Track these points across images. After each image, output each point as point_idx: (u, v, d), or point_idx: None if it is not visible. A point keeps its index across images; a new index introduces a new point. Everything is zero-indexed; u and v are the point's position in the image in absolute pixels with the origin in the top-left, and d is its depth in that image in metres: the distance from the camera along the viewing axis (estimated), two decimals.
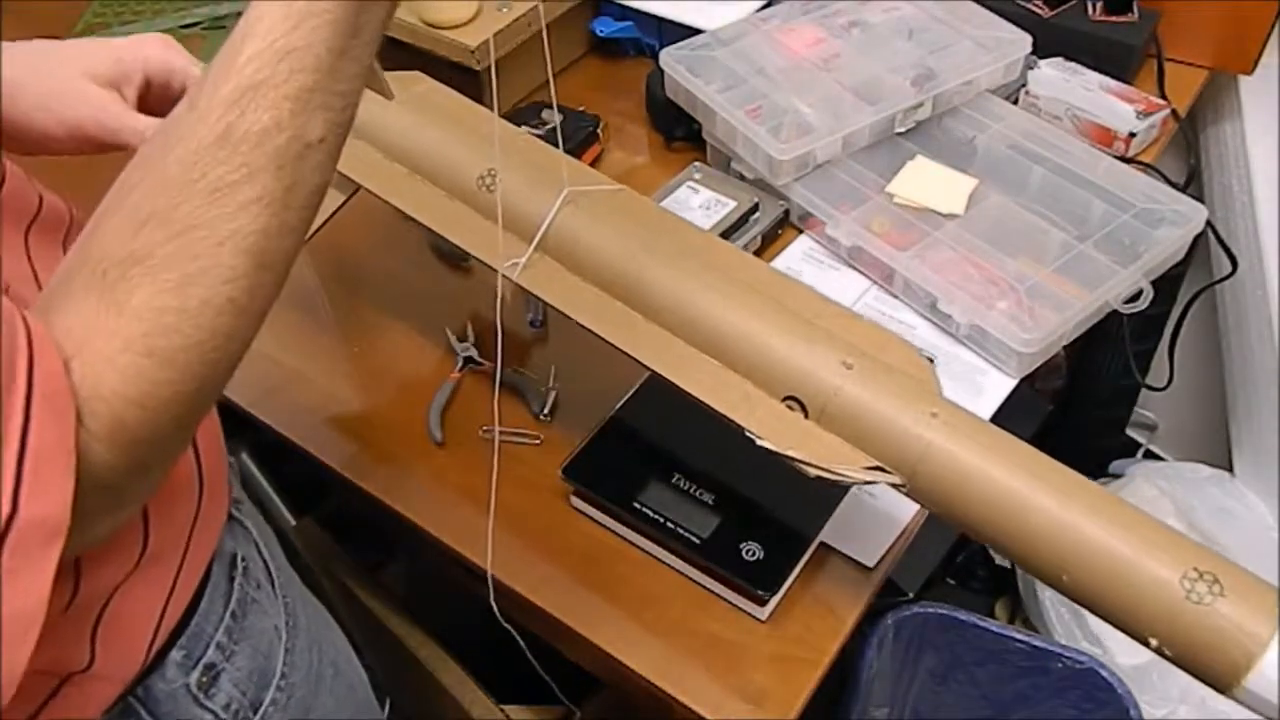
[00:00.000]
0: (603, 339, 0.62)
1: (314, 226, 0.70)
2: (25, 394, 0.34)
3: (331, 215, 0.77)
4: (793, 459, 0.56)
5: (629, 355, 0.61)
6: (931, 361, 0.78)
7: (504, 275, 0.65)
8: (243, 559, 0.61)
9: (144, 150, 0.40)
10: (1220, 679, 0.47)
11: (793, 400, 0.57)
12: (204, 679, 0.55)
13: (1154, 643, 0.49)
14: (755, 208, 0.92)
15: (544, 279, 0.65)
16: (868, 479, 0.55)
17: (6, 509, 0.33)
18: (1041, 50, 0.99)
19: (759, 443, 0.56)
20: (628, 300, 0.62)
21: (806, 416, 0.57)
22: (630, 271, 0.62)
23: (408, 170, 0.71)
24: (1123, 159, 0.96)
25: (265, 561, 0.64)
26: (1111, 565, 0.49)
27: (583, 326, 0.63)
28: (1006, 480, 0.52)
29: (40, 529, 0.34)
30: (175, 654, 0.54)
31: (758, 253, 0.92)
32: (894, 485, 0.55)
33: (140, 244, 0.37)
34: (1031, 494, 0.51)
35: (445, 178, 0.69)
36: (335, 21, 0.39)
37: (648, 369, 0.61)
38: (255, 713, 0.58)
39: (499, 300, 0.64)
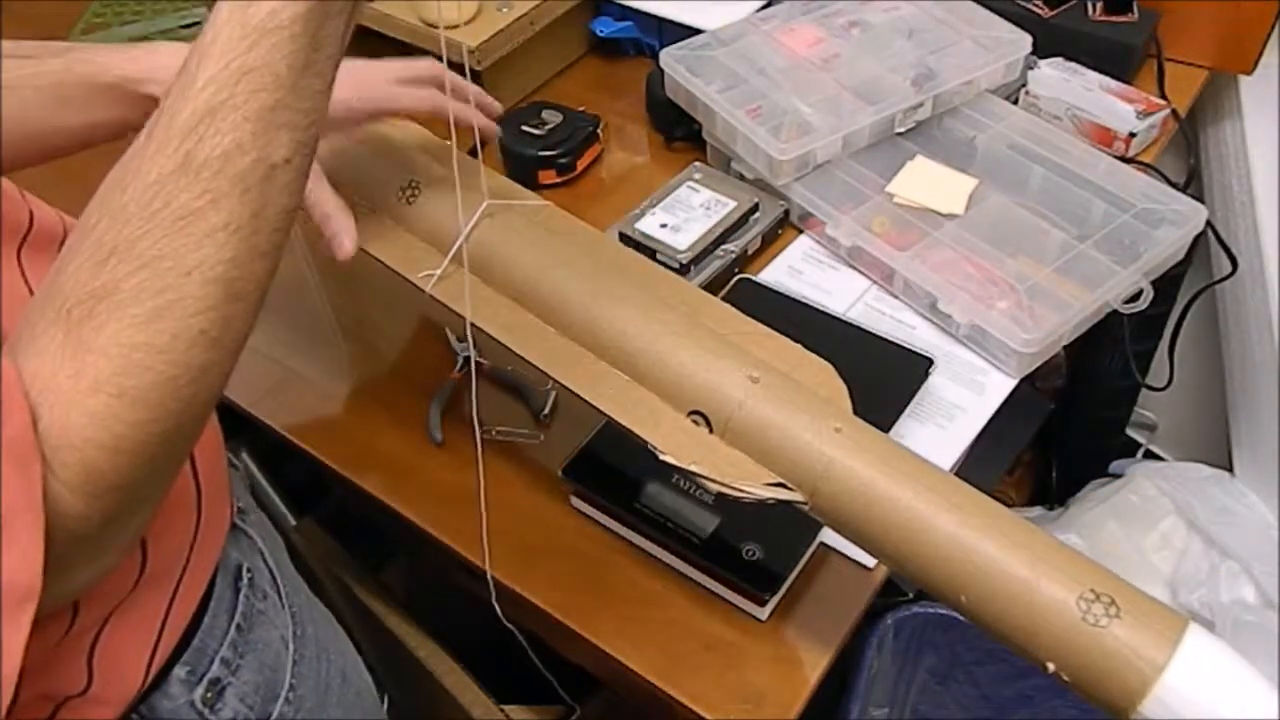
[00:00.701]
0: (513, 352, 0.61)
1: None
2: None
3: None
4: (695, 474, 0.55)
5: (538, 369, 0.60)
6: (931, 362, 0.79)
7: (418, 287, 0.64)
8: (248, 570, 0.60)
9: (103, 188, 0.38)
10: (1115, 704, 0.46)
11: (698, 415, 0.56)
12: (209, 695, 0.54)
13: (1051, 667, 0.48)
14: (755, 208, 0.92)
15: (459, 292, 0.63)
16: (769, 495, 0.54)
17: None
18: (1041, 50, 0.99)
19: (662, 457, 0.55)
20: (541, 314, 0.62)
21: (711, 431, 0.56)
22: (544, 286, 0.61)
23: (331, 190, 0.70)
24: (1123, 159, 0.96)
25: (271, 571, 0.63)
26: (1008, 585, 0.48)
27: (494, 339, 0.62)
28: (905, 497, 0.51)
29: (10, 594, 0.33)
30: (179, 670, 0.53)
31: (758, 253, 0.92)
32: (796, 503, 0.54)
33: (105, 279, 0.36)
34: (930, 511, 0.50)
35: (365, 190, 0.67)
36: (294, 37, 0.37)
37: (556, 383, 0.60)
38: None
39: (468, 307, 0.63)
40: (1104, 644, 0.46)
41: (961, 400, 0.79)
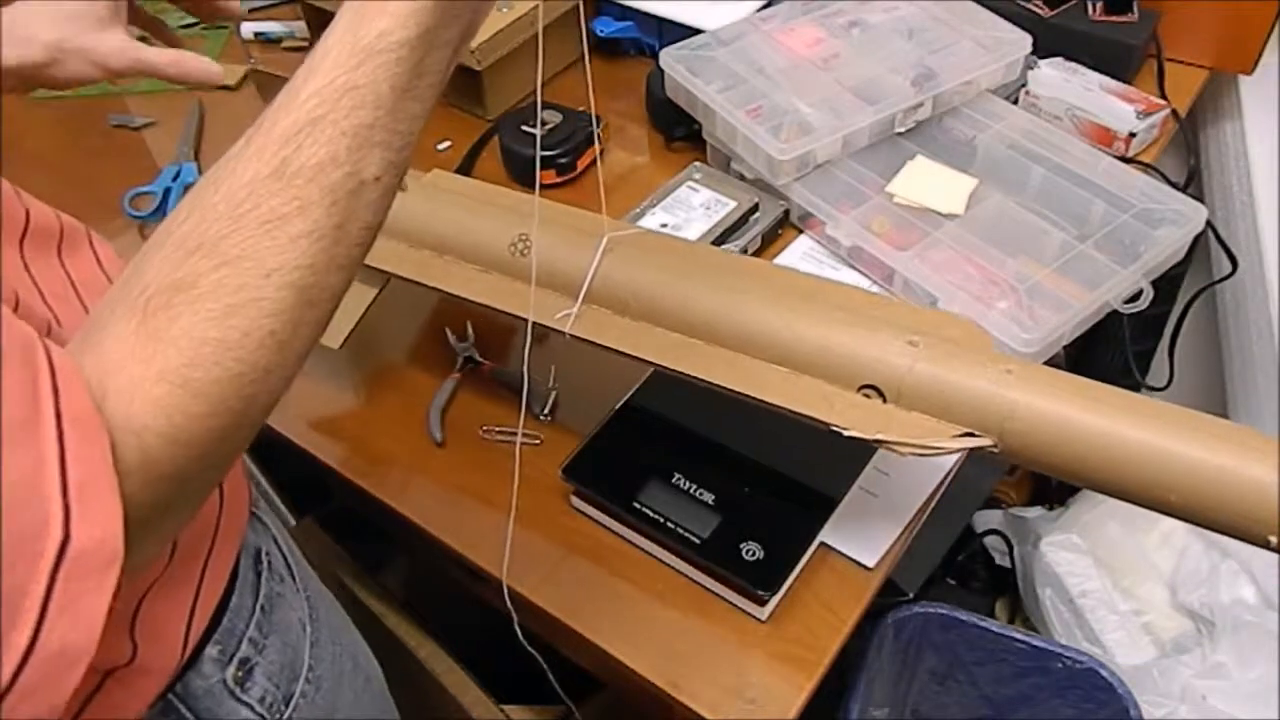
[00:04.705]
0: (672, 370, 0.63)
1: (348, 329, 0.73)
2: (55, 414, 0.33)
3: (365, 312, 0.78)
4: (883, 442, 0.57)
5: (702, 380, 0.62)
6: None
7: (556, 330, 0.66)
8: (266, 553, 0.62)
9: (195, 188, 0.40)
10: None
11: (869, 389, 0.59)
12: (239, 673, 0.56)
13: (1274, 540, 0.50)
14: (755, 208, 0.92)
15: (597, 326, 0.66)
16: (959, 446, 0.56)
17: (58, 535, 0.32)
18: (1041, 50, 0.99)
19: (846, 434, 0.58)
20: (682, 330, 0.64)
21: (885, 401, 0.58)
22: (680, 302, 0.64)
23: (435, 253, 0.73)
24: (1123, 159, 0.96)
25: (284, 555, 0.65)
26: (1215, 476, 0.51)
27: (650, 363, 0.64)
28: (1094, 420, 0.53)
29: (97, 554, 0.33)
30: (211, 650, 0.55)
31: (757, 253, 0.92)
32: (985, 448, 0.56)
33: (185, 272, 0.37)
34: (1121, 428, 0.53)
35: (475, 251, 0.70)
36: (400, 60, 0.39)
37: (724, 389, 0.62)
38: (288, 705, 0.59)
39: (529, 332, 0.65)
40: None
41: None
